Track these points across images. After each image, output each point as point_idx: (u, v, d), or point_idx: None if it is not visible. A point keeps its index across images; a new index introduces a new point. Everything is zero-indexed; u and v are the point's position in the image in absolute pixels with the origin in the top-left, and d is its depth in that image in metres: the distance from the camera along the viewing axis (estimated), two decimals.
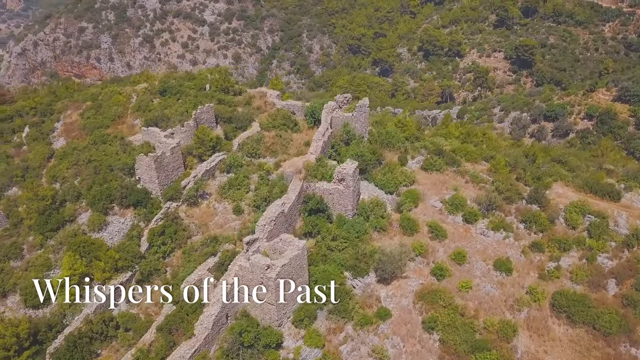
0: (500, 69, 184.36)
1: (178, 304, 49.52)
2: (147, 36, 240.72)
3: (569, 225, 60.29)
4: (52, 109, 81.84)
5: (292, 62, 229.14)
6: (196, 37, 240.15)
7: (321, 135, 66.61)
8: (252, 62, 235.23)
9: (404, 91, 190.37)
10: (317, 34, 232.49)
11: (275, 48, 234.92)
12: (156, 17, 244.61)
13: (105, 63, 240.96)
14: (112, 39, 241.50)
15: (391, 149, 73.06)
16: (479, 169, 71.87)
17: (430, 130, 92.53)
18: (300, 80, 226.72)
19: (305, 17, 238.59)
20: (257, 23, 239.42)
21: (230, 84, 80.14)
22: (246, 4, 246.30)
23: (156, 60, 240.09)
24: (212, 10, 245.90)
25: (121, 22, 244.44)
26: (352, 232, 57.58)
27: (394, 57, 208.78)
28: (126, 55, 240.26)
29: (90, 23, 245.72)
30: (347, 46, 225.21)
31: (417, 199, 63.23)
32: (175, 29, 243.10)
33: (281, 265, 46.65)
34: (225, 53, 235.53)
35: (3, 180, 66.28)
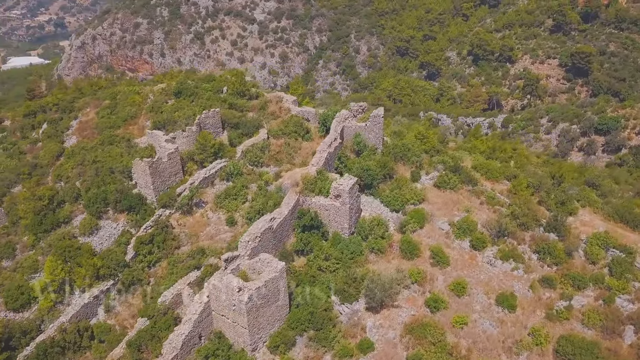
0: (553, 76, 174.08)
1: (152, 319, 47.74)
2: (198, 33, 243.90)
3: (589, 260, 54.35)
4: (73, 106, 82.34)
5: (338, 62, 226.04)
6: (245, 35, 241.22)
7: (327, 146, 63.33)
8: (299, 61, 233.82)
9: (449, 96, 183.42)
10: (365, 34, 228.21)
11: (322, 48, 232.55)
12: (208, 15, 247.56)
13: (157, 58, 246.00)
14: (164, 35, 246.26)
15: (406, 162, 68.80)
16: (498, 189, 66.48)
17: (458, 142, 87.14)
18: (345, 82, 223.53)
19: (354, 17, 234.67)
20: (305, 22, 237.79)
21: (246, 88, 77.97)
22: (296, 3, 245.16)
23: (205, 57, 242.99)
24: (262, 9, 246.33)
25: (174, 18, 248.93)
26: (345, 253, 54.09)
27: (442, 60, 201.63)
28: (177, 51, 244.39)
29: (145, 19, 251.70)
30: (394, 48, 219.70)
31: (423, 219, 58.87)
32: (226, 27, 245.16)
33: (254, 288, 43.97)
34: (272, 52, 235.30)
35: (11, 177, 66.85)
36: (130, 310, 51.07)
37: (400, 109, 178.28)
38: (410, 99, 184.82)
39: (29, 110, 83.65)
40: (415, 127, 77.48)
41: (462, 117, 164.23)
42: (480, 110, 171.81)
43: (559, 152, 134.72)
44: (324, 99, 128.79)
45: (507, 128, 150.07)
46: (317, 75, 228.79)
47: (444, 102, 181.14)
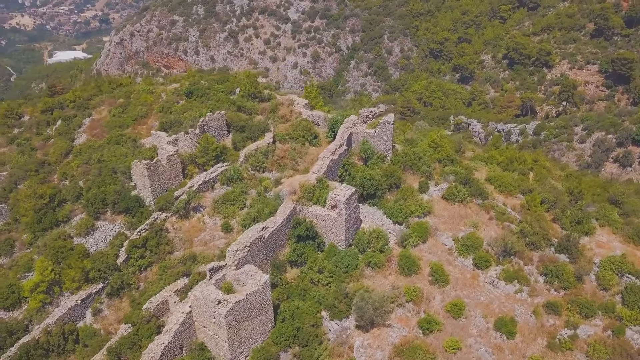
0: (592, 83, 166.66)
1: (135, 326, 46.84)
2: (232, 31, 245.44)
3: (601, 285, 50.65)
4: (88, 104, 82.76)
5: (370, 63, 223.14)
6: (278, 35, 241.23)
7: (330, 152, 61.34)
8: (331, 61, 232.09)
9: (481, 101, 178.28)
10: (398, 36, 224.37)
11: (354, 48, 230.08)
12: (243, 13, 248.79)
13: (191, 56, 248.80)
14: (199, 33, 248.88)
15: (415, 172, 66.16)
16: (511, 204, 63.09)
17: (476, 152, 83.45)
18: (376, 83, 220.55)
19: (388, 18, 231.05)
20: (339, 22, 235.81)
21: (258, 90, 76.60)
22: (330, 3, 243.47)
23: (238, 55, 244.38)
24: (296, 8, 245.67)
25: (209, 16, 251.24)
26: (340, 266, 52.00)
27: (476, 64, 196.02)
28: (211, 49, 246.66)
29: (181, 16, 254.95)
30: (428, 50, 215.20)
31: (426, 233, 56.21)
32: (260, 25, 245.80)
33: (235, 301, 42.43)
34: (304, 51, 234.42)
35: (19, 173, 67.38)
36: (118, 315, 50.37)
37: (430, 112, 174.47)
38: (441, 102, 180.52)
39: (46, 106, 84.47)
40: (431, 134, 74.37)
41: (493, 122, 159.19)
42: (513, 116, 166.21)
43: (593, 163, 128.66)
44: (341, 102, 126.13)
45: (539, 135, 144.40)
46: (348, 76, 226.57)
47: (476, 107, 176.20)
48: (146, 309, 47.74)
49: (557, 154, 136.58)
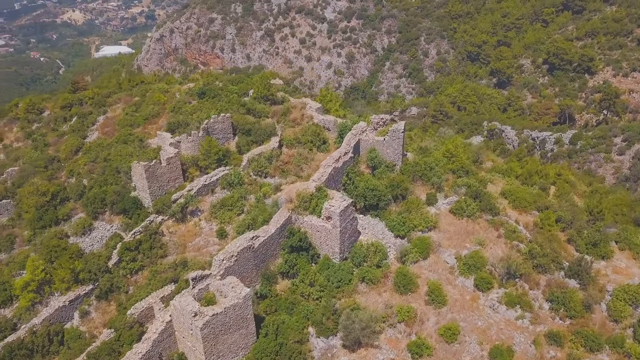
0: (637, 91, 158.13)
1: (117, 332, 46.10)
2: (269, 30, 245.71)
3: (611, 317, 46.85)
4: (106, 101, 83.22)
5: (406, 65, 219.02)
6: (314, 34, 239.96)
7: (333, 160, 59.23)
8: (365, 62, 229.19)
9: (517, 107, 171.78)
10: (435, 37, 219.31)
11: (390, 50, 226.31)
12: (280, 12, 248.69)
13: (228, 53, 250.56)
14: (236, 31, 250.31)
15: (425, 182, 63.35)
16: (524, 221, 59.49)
17: (497, 162, 79.51)
18: (410, 85, 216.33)
19: (426, 19, 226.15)
20: (375, 23, 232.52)
21: (270, 92, 75.08)
22: (368, 3, 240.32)
23: (274, 54, 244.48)
24: (333, 8, 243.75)
25: (247, 15, 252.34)
26: (332, 280, 49.92)
27: (514, 68, 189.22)
28: (247, 47, 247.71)
29: (219, 14, 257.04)
30: (465, 53, 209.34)
31: (427, 249, 53.45)
32: (296, 25, 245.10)
33: (212, 314, 41.03)
34: (339, 51, 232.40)
35: (29, 169, 68.07)
36: (104, 318, 49.81)
37: (463, 116, 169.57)
38: (475, 107, 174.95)
39: (65, 102, 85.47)
40: (446, 143, 71.20)
41: (528, 130, 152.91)
42: (550, 124, 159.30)
43: (631, 177, 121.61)
44: (358, 106, 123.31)
45: (576, 145, 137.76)
46: (383, 77, 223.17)
47: (511, 113, 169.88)
48: (130, 315, 46.99)
49: (594, 165, 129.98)
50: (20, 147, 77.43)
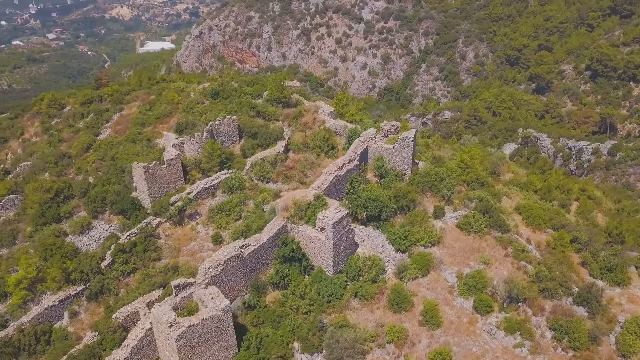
0: None
1: (101, 335, 45.53)
2: (305, 29, 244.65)
3: (620, 351, 43.21)
4: (123, 99, 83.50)
5: (442, 67, 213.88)
6: (350, 34, 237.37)
7: (336, 168, 57.29)
8: (401, 64, 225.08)
9: (556, 114, 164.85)
10: (474, 40, 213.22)
11: (426, 52, 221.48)
12: (317, 11, 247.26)
13: (264, 52, 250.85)
14: (273, 29, 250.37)
15: (435, 194, 60.65)
16: (537, 240, 56.04)
17: (519, 174, 75.54)
18: (446, 88, 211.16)
19: (465, 21, 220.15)
20: (413, 24, 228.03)
21: (284, 95, 73.49)
22: (406, 4, 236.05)
23: (309, 53, 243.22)
24: (371, 8, 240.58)
25: (284, 13, 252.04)
26: (323, 294, 48.01)
27: (555, 74, 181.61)
28: (283, 46, 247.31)
29: (257, 13, 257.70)
30: (504, 57, 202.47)
31: (427, 266, 50.90)
32: (333, 24, 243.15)
33: (188, 325, 39.82)
34: (375, 52, 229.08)
35: (40, 165, 68.72)
36: (93, 320, 49.37)
37: (497, 122, 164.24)
38: (511, 113, 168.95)
39: (85, 98, 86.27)
40: (461, 153, 68.08)
41: (565, 138, 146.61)
42: (589, 133, 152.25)
43: None
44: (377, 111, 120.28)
45: (614, 156, 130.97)
46: (418, 80, 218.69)
47: (548, 120, 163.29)
48: (115, 319, 46.36)
49: (632, 179, 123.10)
50: (37, 141, 78.51)
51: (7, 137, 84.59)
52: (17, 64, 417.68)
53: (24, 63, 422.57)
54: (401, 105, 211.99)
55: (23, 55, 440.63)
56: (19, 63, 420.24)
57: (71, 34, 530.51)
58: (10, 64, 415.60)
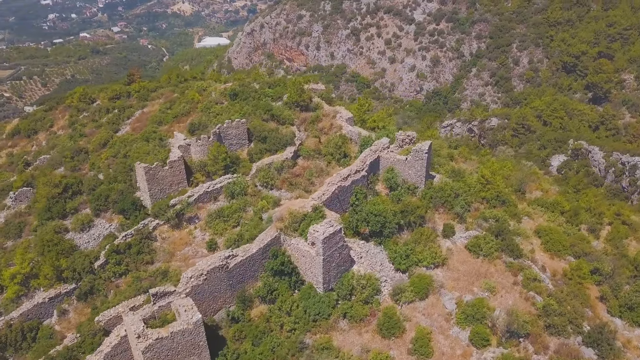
0: None
1: (81, 337, 44.96)
2: (355, 29, 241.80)
3: None
4: (148, 95, 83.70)
5: (493, 72, 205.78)
6: (400, 35, 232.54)
7: (340, 178, 54.73)
8: (450, 67, 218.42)
9: (612, 126, 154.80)
10: (529, 45, 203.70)
11: (478, 55, 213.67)
12: (368, 11, 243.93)
13: (312, 51, 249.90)
14: (322, 29, 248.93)
15: (448, 210, 57.05)
16: (553, 268, 51.51)
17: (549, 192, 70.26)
18: (496, 94, 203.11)
19: (520, 25, 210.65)
20: (465, 27, 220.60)
21: (302, 99, 71.29)
22: (460, 6, 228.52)
23: (357, 53, 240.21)
24: (423, 10, 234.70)
25: (335, 13, 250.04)
26: (309, 312, 45.60)
27: (614, 83, 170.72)
28: (332, 45, 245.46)
29: (308, 11, 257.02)
30: (560, 63, 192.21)
31: (426, 289, 47.60)
32: (383, 25, 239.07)
33: (155, 338, 38.39)
34: (424, 54, 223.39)
35: (57, 159, 69.57)
36: (80, 320, 48.95)
37: (547, 132, 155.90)
38: (562, 122, 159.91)
39: (113, 93, 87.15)
40: (482, 168, 63.88)
41: (619, 152, 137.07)
42: None
43: None
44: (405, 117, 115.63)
45: None
46: (467, 84, 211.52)
47: (602, 132, 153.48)
48: (97, 322, 45.62)
49: None
50: (61, 135, 79.84)
51: (38, 129, 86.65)
52: (82, 55, 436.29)
53: (89, 54, 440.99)
54: (448, 110, 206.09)
55: (88, 47, 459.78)
56: (83, 54, 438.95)
57: (134, 28, 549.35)
58: (75, 54, 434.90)
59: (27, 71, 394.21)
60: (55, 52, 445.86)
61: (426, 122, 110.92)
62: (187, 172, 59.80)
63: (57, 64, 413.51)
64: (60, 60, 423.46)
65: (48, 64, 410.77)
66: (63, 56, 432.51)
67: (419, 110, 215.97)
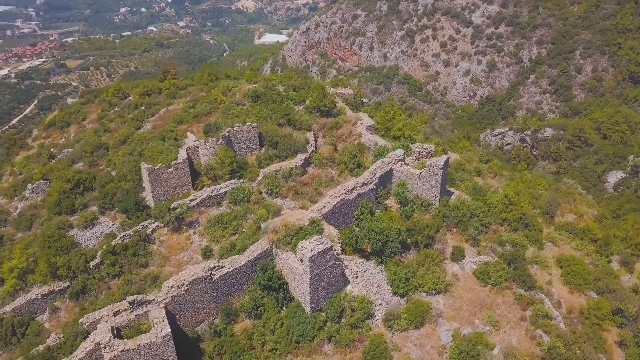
0: None
1: (63, 338, 44.51)
2: (410, 30, 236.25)
3: None
4: (176, 93, 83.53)
5: (553, 80, 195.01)
6: (457, 38, 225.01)
7: (344, 190, 51.92)
8: (507, 73, 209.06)
9: None
10: (594, 52, 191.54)
11: (538, 62, 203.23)
12: (425, 13, 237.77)
13: (365, 51, 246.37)
14: (377, 29, 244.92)
15: (462, 230, 53.12)
16: (571, 304, 46.65)
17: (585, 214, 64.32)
18: (554, 103, 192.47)
19: (586, 31, 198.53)
20: (526, 31, 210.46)
21: (323, 104, 68.73)
22: (521, 9, 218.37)
23: (411, 55, 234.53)
24: (482, 12, 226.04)
25: (391, 13, 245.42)
26: (292, 332, 43.16)
27: None
28: (386, 46, 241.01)
29: (364, 11, 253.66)
30: (627, 73, 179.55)
31: (422, 317, 44.18)
32: (439, 27, 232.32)
33: (121, 350, 37.15)
34: (480, 59, 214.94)
35: (78, 153, 70.29)
36: (69, 319, 48.63)
37: (605, 146, 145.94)
38: (623, 137, 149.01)
39: (145, 90, 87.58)
40: (506, 187, 59.16)
41: None
42: None
43: None
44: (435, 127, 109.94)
45: None
46: (524, 91, 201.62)
47: None
48: (81, 324, 45.00)
49: None
50: (89, 129, 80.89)
51: (71, 121, 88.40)
52: (147, 48, 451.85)
53: (153, 47, 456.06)
54: (502, 117, 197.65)
55: (153, 41, 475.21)
56: (148, 47, 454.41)
57: (199, 23, 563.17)
58: (141, 47, 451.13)
59: (95, 62, 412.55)
60: (122, 44, 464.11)
61: (463, 132, 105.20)
62: (194, 174, 58.77)
63: (123, 56, 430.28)
64: (126, 52, 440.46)
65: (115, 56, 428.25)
66: (129, 48, 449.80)
67: (472, 116, 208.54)
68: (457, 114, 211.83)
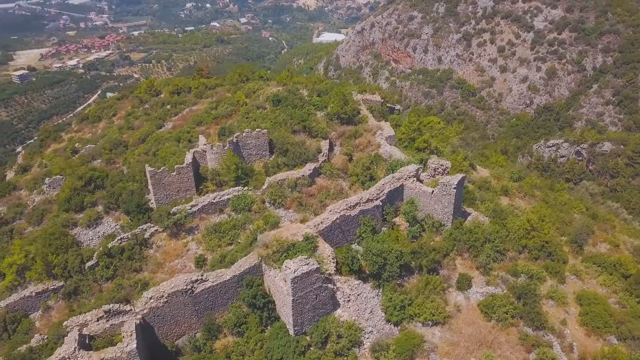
0: None
1: (46, 340, 44.05)
2: (467, 34, 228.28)
3: None
4: (203, 92, 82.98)
5: (617, 91, 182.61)
6: (516, 43, 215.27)
7: (346, 206, 48.90)
8: (568, 81, 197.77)
9: None
10: None
11: (602, 70, 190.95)
12: (484, 15, 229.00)
13: (419, 53, 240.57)
14: (433, 31, 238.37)
15: (474, 257, 49.09)
16: (585, 349, 41.73)
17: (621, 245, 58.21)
18: (617, 115, 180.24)
19: None
20: (592, 38, 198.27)
21: (344, 111, 65.78)
22: (588, 14, 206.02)
23: (467, 59, 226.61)
24: (545, 17, 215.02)
25: (448, 15, 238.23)
26: (271, 356, 40.75)
27: None
28: (440, 49, 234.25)
29: (420, 13, 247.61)
30: None
31: (412, 351, 40.65)
32: (498, 31, 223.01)
33: None
34: (539, 65, 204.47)
35: (98, 150, 70.70)
36: (60, 319, 48.23)
37: None
38: None
39: (174, 88, 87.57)
40: (528, 213, 54.29)
41: None
42: None
43: None
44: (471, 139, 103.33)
45: None
46: (585, 101, 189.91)
47: None
48: (65, 326, 44.36)
49: None
50: (115, 125, 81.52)
51: (102, 116, 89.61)
52: (208, 43, 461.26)
53: (213, 43, 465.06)
54: (559, 128, 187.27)
55: (214, 36, 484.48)
56: (209, 42, 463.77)
57: (260, 20, 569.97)
58: (202, 42, 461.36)
59: (157, 55, 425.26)
60: (185, 39, 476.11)
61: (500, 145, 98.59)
62: (200, 179, 57.44)
63: (184, 50, 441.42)
64: (188, 47, 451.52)
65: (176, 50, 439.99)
66: (191, 43, 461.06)
67: (526, 125, 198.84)
68: (511, 122, 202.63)
